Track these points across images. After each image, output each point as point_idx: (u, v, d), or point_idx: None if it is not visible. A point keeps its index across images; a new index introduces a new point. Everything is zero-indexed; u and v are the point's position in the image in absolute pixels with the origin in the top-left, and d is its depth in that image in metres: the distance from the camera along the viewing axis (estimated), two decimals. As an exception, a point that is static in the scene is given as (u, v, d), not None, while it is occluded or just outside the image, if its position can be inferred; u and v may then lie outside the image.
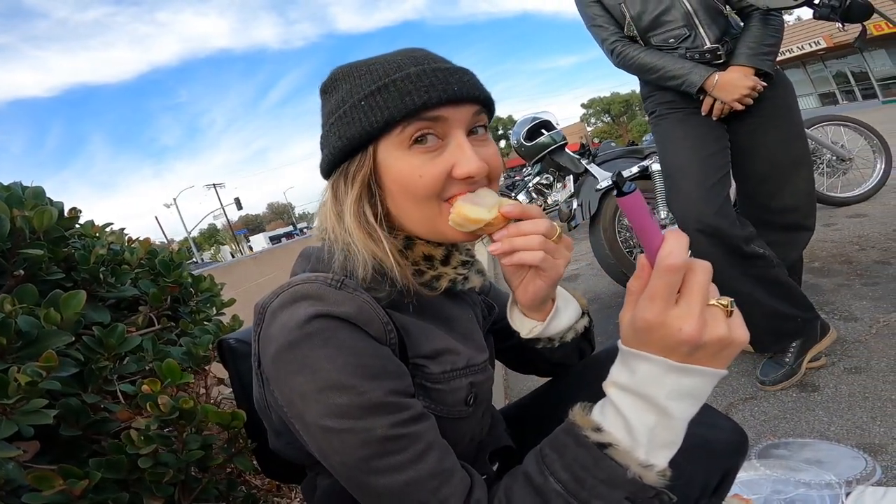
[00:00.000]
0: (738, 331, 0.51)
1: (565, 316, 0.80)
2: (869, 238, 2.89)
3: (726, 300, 0.52)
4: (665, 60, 1.71)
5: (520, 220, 0.66)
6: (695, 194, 1.68)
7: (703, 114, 1.74)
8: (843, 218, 3.42)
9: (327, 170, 0.69)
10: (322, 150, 0.70)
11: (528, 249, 0.65)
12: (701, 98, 1.71)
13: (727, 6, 1.70)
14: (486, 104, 0.67)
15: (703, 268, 0.51)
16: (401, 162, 0.63)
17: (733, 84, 1.62)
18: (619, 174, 0.57)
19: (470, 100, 0.64)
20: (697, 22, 1.68)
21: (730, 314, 0.51)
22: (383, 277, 0.65)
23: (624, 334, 0.55)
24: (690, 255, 0.52)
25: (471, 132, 0.66)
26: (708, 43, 1.68)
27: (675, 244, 0.51)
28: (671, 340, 0.50)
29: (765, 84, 1.64)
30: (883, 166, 3.69)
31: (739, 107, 1.66)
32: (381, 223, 0.66)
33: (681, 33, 1.70)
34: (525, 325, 0.78)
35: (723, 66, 1.67)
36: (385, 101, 0.62)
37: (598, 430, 0.54)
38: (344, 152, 0.65)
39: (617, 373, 0.56)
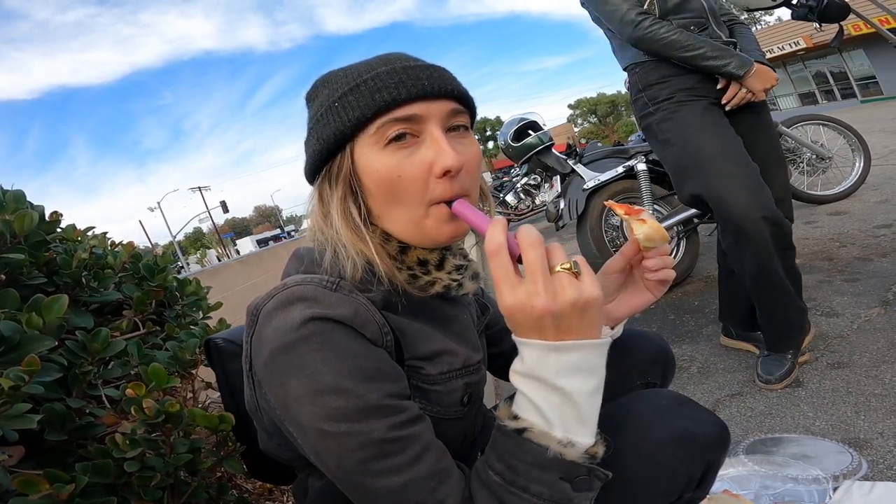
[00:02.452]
0: (589, 288, 0.53)
1: (623, 323, 0.86)
2: (849, 235, 2.95)
3: (569, 262, 0.54)
4: (704, 41, 1.68)
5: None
6: (751, 181, 1.64)
7: (725, 100, 1.74)
8: (824, 215, 3.48)
9: (311, 173, 0.70)
10: (305, 154, 0.71)
11: (669, 268, 0.75)
12: (719, 84, 1.73)
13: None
14: (462, 100, 0.67)
15: (531, 242, 0.54)
16: (376, 162, 0.63)
17: (767, 74, 1.67)
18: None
19: (443, 95, 0.64)
20: (712, 21, 1.72)
21: (576, 275, 0.54)
22: (373, 276, 0.65)
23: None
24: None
25: (450, 129, 0.66)
26: (724, 37, 1.73)
27: (492, 231, 0.55)
28: (532, 319, 0.53)
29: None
30: (861, 164, 3.77)
31: (764, 97, 1.70)
32: (366, 222, 0.66)
33: (700, 22, 1.72)
34: (605, 333, 0.83)
35: None
36: (356, 100, 0.63)
37: (515, 417, 0.56)
38: (322, 154, 0.66)
39: (514, 361, 0.58)
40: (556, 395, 0.54)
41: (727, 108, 1.74)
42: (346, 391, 0.54)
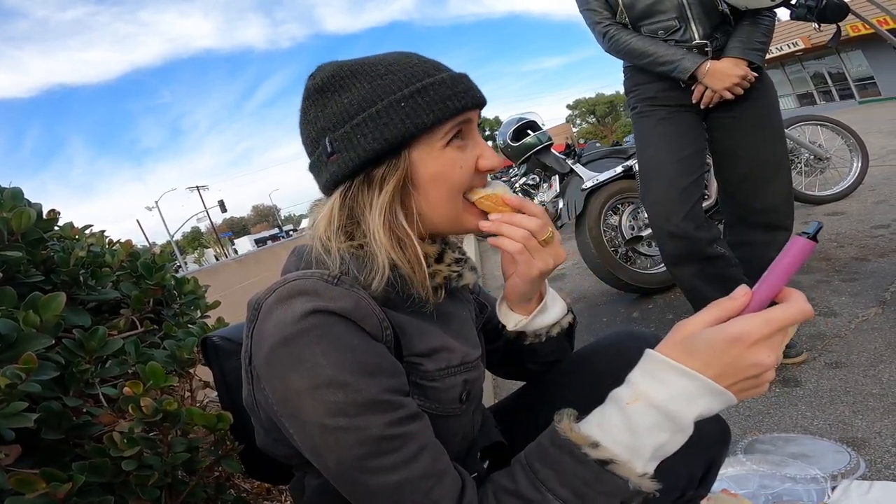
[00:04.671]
0: (772, 373, 0.55)
1: (552, 312, 0.83)
2: (846, 235, 2.95)
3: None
4: (658, 46, 1.72)
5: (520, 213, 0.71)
6: (666, 196, 1.73)
7: (693, 101, 1.75)
8: (821, 216, 3.48)
9: (348, 175, 0.65)
10: (338, 152, 0.64)
11: (509, 237, 0.70)
12: (692, 87, 1.73)
13: (723, 3, 1.71)
14: None
15: (803, 311, 0.54)
16: (439, 160, 0.65)
17: (725, 72, 1.64)
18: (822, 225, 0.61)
19: (482, 104, 0.70)
20: (690, 15, 1.69)
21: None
22: (393, 288, 0.64)
23: (674, 345, 0.56)
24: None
25: None
26: (697, 38, 1.70)
27: (805, 304, 0.55)
28: (746, 362, 0.52)
29: (755, 75, 1.67)
30: (859, 165, 3.77)
31: (729, 95, 1.67)
32: (416, 226, 0.66)
33: (671, 25, 1.71)
34: (511, 319, 0.82)
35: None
36: (428, 103, 0.63)
37: (596, 445, 0.55)
38: (378, 154, 0.63)
39: (649, 386, 0.55)
40: (667, 434, 0.54)
41: (701, 107, 1.75)
42: (345, 385, 0.54)
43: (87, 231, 1.26)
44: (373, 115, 0.63)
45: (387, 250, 0.63)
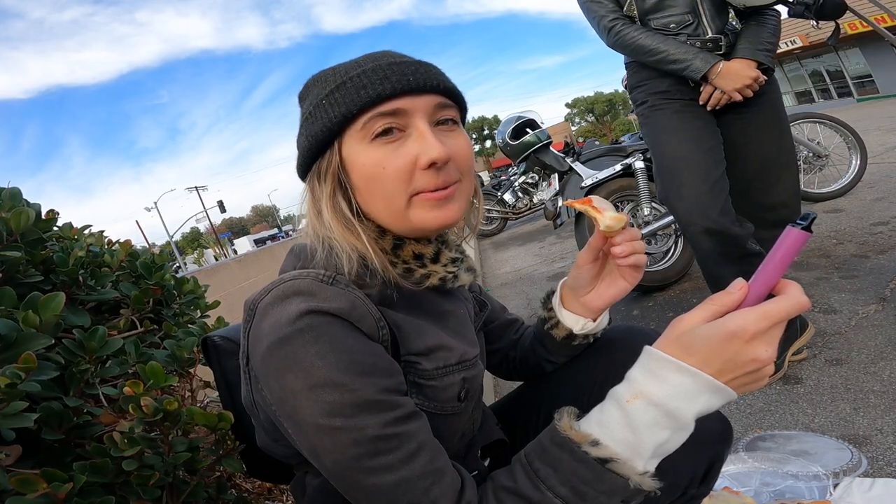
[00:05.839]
0: (771, 368, 0.54)
1: (606, 315, 0.86)
2: (846, 232, 2.95)
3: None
4: (668, 44, 1.67)
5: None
6: (699, 191, 1.66)
7: (701, 102, 1.71)
8: (821, 213, 3.48)
9: (302, 170, 0.70)
10: (297, 153, 0.71)
11: (641, 253, 0.75)
12: (702, 86, 1.70)
13: (730, 5, 1.69)
14: (450, 95, 0.67)
15: (799, 303, 0.53)
16: (363, 156, 0.64)
17: (737, 73, 1.61)
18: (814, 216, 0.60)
19: (429, 89, 0.64)
20: (702, 11, 1.66)
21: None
22: (368, 271, 0.65)
23: (672, 342, 0.56)
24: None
25: (439, 124, 0.66)
26: (711, 32, 1.67)
27: (802, 296, 0.54)
28: (744, 357, 0.52)
29: (766, 78, 1.65)
30: (858, 162, 3.77)
31: (739, 97, 1.65)
32: (357, 215, 0.66)
33: (683, 19, 1.68)
34: (578, 322, 0.84)
35: (723, 58, 1.66)
36: (342, 97, 0.63)
37: (596, 443, 0.54)
38: (311, 151, 0.66)
39: (649, 383, 0.55)
40: (667, 432, 0.53)
41: (708, 108, 1.72)
42: (340, 385, 0.54)
43: (87, 231, 1.26)
44: (308, 116, 0.67)
45: (342, 236, 0.64)
